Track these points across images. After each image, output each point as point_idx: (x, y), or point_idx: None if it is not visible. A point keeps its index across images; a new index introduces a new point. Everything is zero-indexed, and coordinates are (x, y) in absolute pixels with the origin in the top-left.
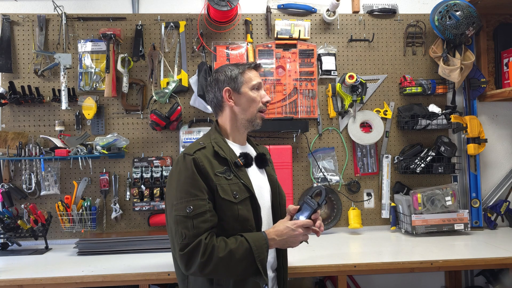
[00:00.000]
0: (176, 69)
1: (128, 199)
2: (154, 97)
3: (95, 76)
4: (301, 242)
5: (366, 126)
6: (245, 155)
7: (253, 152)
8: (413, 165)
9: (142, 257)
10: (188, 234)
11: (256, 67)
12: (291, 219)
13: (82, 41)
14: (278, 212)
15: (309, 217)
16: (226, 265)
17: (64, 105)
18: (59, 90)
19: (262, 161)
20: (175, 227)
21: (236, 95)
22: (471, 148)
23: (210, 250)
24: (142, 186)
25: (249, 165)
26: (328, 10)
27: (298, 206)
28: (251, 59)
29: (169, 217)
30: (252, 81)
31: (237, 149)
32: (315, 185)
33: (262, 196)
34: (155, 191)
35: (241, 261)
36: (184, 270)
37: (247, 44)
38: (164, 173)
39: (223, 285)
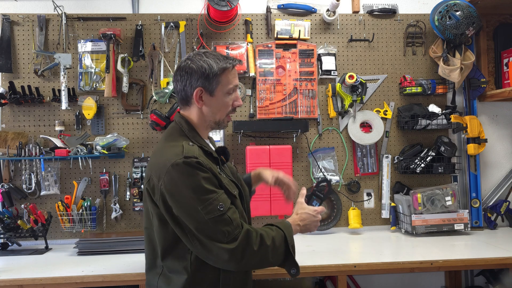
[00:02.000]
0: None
1: (128, 199)
2: (154, 97)
3: (95, 76)
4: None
5: (366, 126)
6: (223, 151)
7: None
8: (413, 165)
9: (142, 257)
10: (231, 229)
11: (238, 64)
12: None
13: (82, 41)
14: (248, 202)
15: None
16: (271, 253)
17: (64, 105)
18: (59, 90)
19: (228, 155)
20: (212, 229)
21: (207, 97)
22: (471, 148)
23: (259, 239)
24: (142, 186)
25: (228, 160)
26: (328, 10)
27: (305, 192)
28: (251, 59)
29: (195, 223)
30: (229, 85)
31: (208, 145)
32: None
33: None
34: None
35: (279, 248)
36: (235, 264)
37: (247, 44)
38: None
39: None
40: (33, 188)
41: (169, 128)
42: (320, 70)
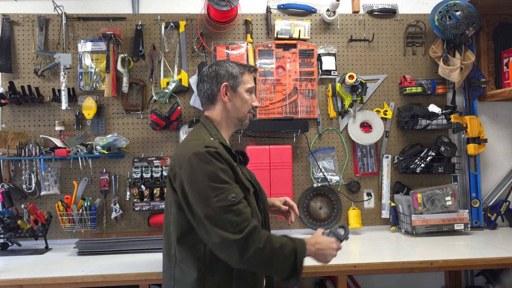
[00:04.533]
0: (176, 69)
1: (128, 199)
2: (154, 97)
3: (95, 76)
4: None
5: (366, 126)
6: (242, 153)
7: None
8: (413, 165)
9: (142, 257)
10: (239, 220)
11: (254, 71)
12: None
13: (82, 41)
14: (266, 208)
15: None
16: (277, 258)
17: (64, 105)
18: (59, 90)
19: (246, 160)
20: (220, 218)
21: (231, 93)
22: (471, 148)
23: (266, 238)
24: (142, 186)
25: (246, 163)
26: (328, 10)
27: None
28: (251, 59)
29: (206, 210)
30: (248, 84)
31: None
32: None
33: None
34: (155, 191)
35: (287, 258)
36: (238, 257)
37: (247, 44)
38: (164, 173)
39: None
40: (33, 188)
41: (195, 127)
42: (320, 70)
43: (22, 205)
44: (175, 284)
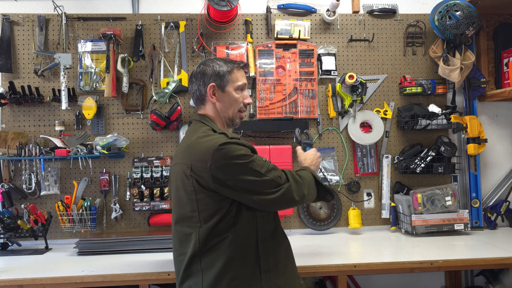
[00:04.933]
0: (176, 69)
1: (128, 199)
2: (154, 97)
3: (95, 76)
4: None
5: (366, 126)
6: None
7: None
8: (413, 165)
9: (142, 257)
10: (280, 173)
11: (244, 66)
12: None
13: (82, 41)
14: None
15: None
16: (311, 186)
17: (64, 105)
18: (59, 90)
19: None
20: (269, 178)
21: (219, 93)
22: (471, 148)
23: (299, 175)
24: (142, 186)
25: None
26: (328, 10)
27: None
28: (251, 59)
29: (254, 179)
30: (238, 82)
31: None
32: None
33: None
34: (155, 191)
35: (312, 182)
36: (296, 197)
37: (247, 44)
38: (164, 173)
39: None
40: (33, 188)
41: (193, 126)
42: (320, 70)
43: (22, 205)
44: (204, 276)
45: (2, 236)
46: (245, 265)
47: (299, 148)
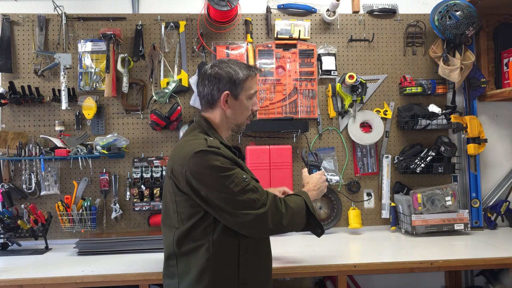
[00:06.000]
0: (176, 69)
1: (128, 199)
2: (154, 97)
3: (95, 76)
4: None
5: (366, 126)
6: (238, 149)
7: None
8: (413, 165)
9: (142, 257)
10: (258, 196)
11: (258, 73)
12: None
13: (82, 41)
14: None
15: None
16: (296, 216)
17: (64, 105)
18: (59, 90)
19: (242, 157)
20: (242, 199)
21: (232, 100)
22: (471, 148)
23: (284, 203)
24: (142, 186)
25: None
26: (328, 10)
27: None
28: (251, 59)
29: (226, 197)
30: (251, 90)
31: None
32: (306, 155)
33: None
34: (155, 191)
35: (302, 211)
36: (269, 226)
37: (247, 44)
38: (164, 173)
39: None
40: (33, 188)
41: (190, 127)
42: (320, 70)
43: (22, 205)
44: (180, 280)
45: (2, 236)
46: (222, 275)
47: (304, 170)
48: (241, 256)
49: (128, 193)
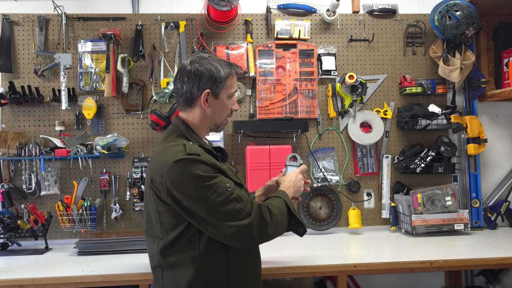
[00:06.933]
0: (176, 69)
1: (128, 199)
2: (154, 97)
3: (95, 76)
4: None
5: (366, 126)
6: (221, 150)
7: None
8: (413, 165)
9: (142, 257)
10: (243, 205)
11: (239, 71)
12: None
13: (82, 41)
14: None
15: None
16: (281, 221)
17: (64, 105)
18: (59, 90)
19: (225, 156)
20: (225, 210)
21: (212, 99)
22: (471, 148)
23: (268, 211)
24: (142, 186)
25: (225, 159)
26: (328, 10)
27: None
28: (251, 59)
29: (208, 208)
30: (231, 89)
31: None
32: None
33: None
34: None
35: (284, 213)
36: (255, 237)
37: (247, 44)
38: None
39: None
40: (33, 188)
41: (167, 130)
42: (320, 70)
43: (22, 205)
44: None
45: (2, 236)
46: (211, 285)
47: (282, 171)
48: (231, 262)
49: (128, 193)
